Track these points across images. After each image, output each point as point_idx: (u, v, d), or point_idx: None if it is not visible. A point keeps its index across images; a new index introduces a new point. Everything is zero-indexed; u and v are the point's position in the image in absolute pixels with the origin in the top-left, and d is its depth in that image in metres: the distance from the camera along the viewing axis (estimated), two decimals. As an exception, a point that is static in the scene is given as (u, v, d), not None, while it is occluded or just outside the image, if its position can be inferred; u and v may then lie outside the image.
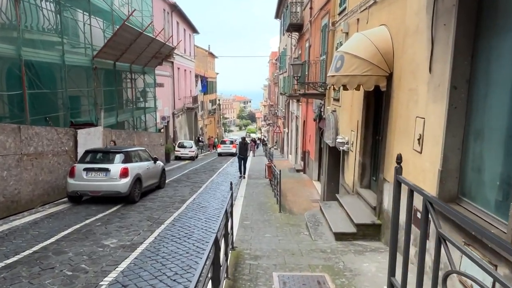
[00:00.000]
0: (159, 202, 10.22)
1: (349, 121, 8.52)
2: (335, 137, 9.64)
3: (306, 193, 13.42)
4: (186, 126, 36.75)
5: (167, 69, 29.56)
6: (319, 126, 14.14)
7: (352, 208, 6.94)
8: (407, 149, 5.16)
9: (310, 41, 16.03)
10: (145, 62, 18.17)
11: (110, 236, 6.82)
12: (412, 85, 5.06)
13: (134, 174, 9.99)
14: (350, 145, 8.41)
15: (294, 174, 17.28)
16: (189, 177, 16.04)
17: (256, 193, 11.93)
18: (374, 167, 7.30)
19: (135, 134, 16.94)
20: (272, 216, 8.61)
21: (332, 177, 10.99)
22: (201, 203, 10.22)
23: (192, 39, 41.57)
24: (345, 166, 8.89)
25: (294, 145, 22.71)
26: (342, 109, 9.36)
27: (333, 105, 10.42)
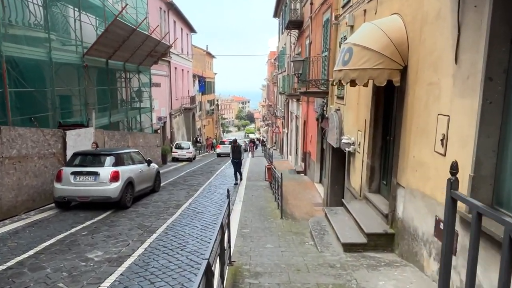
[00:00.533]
0: (152, 208, 9.61)
1: (355, 121, 7.93)
2: (340, 138, 9.05)
3: (307, 196, 12.82)
4: (183, 127, 36.12)
5: (164, 69, 28.94)
6: (321, 126, 13.55)
7: (361, 215, 6.35)
8: (427, 151, 4.57)
9: (311, 37, 15.44)
10: (140, 60, 17.55)
11: (95, 247, 6.21)
12: (433, 79, 4.46)
13: (126, 178, 9.38)
14: (356, 146, 7.81)
15: (294, 176, 16.68)
16: (185, 180, 15.43)
17: (255, 197, 11.32)
18: (384, 170, 6.71)
19: (130, 135, 16.32)
20: (273, 223, 8.01)
21: (336, 180, 10.40)
22: (197, 208, 9.61)
23: (189, 38, 40.95)
24: (351, 169, 8.29)
25: (294, 145, 22.11)
26: (347, 107, 8.77)
27: (337, 104, 9.83)
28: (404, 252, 5.22)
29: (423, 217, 4.63)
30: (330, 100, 10.52)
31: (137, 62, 17.41)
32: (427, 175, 4.55)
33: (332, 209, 7.38)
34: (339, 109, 9.50)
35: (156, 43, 17.07)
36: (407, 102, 5.26)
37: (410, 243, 5.01)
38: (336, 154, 10.21)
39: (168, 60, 29.62)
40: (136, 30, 13.67)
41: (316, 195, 13.05)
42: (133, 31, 13.53)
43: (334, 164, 10.36)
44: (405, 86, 5.32)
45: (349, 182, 8.39)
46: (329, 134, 9.99)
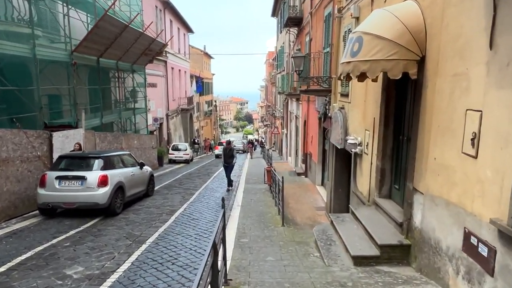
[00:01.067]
0: (144, 214, 8.97)
1: (362, 119, 7.32)
2: (344, 138, 8.44)
3: (309, 200, 12.20)
4: (181, 128, 35.49)
5: (160, 69, 28.33)
6: (323, 126, 12.94)
7: (371, 223, 5.73)
8: (452, 152, 3.95)
9: (311, 34, 14.85)
10: (134, 59, 16.92)
11: (76, 262, 5.57)
12: (459, 69, 3.85)
13: (115, 182, 8.74)
14: (364, 147, 7.20)
15: (295, 178, 16.06)
16: (181, 183, 14.79)
17: (254, 201, 10.69)
18: (396, 173, 6.10)
19: (123, 137, 15.67)
20: (274, 230, 7.38)
21: (340, 183, 9.79)
22: (192, 214, 8.98)
23: (186, 38, 40.36)
24: (358, 171, 7.68)
25: (294, 146, 21.50)
26: (352, 105, 8.16)
27: (341, 102, 9.22)
28: (423, 267, 4.60)
29: (448, 229, 4.02)
30: (333, 98, 9.91)
31: (130, 61, 16.77)
32: (453, 180, 3.93)
33: (339, 216, 6.75)
34: (343, 108, 8.89)
35: (151, 41, 16.45)
36: (426, 97, 4.64)
37: (431, 257, 4.39)
38: (340, 155, 9.60)
39: (165, 60, 29.02)
40: (128, 27, 13.05)
41: (318, 198, 12.44)
42: (125, 27, 12.90)
43: (337, 166, 9.75)
44: (423, 79, 4.71)
45: (355, 186, 7.77)
46: (333, 134, 9.38)
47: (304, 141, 16.80)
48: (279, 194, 8.63)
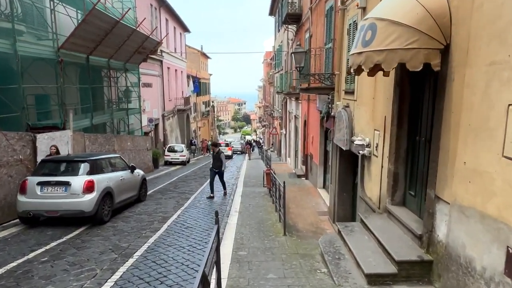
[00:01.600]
0: (134, 222, 8.31)
1: (371, 118, 6.69)
2: (350, 139, 7.82)
3: (311, 204, 11.58)
4: (177, 129, 34.82)
5: (156, 68, 27.68)
6: (325, 126, 12.32)
7: (385, 234, 5.10)
8: (489, 155, 3.32)
9: (311, 30, 14.24)
10: (127, 57, 16.25)
11: (51, 281, 4.91)
12: (498, 56, 3.22)
13: (103, 188, 8.08)
14: (372, 149, 6.57)
15: (295, 180, 15.43)
16: (176, 186, 14.13)
17: (253, 207, 10.04)
18: (412, 178, 5.47)
19: (116, 138, 15.00)
20: (275, 241, 6.73)
21: (344, 187, 9.17)
22: (186, 222, 8.32)
23: (183, 38, 39.71)
24: (366, 175, 7.05)
25: (293, 147, 20.88)
26: (358, 103, 7.53)
27: (345, 100, 8.60)
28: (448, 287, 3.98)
29: (484, 246, 3.39)
30: (337, 96, 9.28)
31: (123, 59, 16.10)
32: (491, 189, 3.30)
33: (347, 225, 6.11)
34: (348, 106, 8.27)
35: (144, 38, 15.79)
36: (451, 92, 4.01)
37: (461, 277, 3.76)
38: (345, 157, 8.98)
39: (160, 59, 28.37)
40: (119, 23, 12.39)
41: (320, 202, 11.81)
42: (116, 23, 12.24)
43: (342, 169, 9.13)
44: (448, 71, 4.08)
45: (363, 190, 7.14)
46: (336, 134, 8.76)
47: (304, 141, 16.18)
48: (280, 200, 8.00)
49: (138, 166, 18.21)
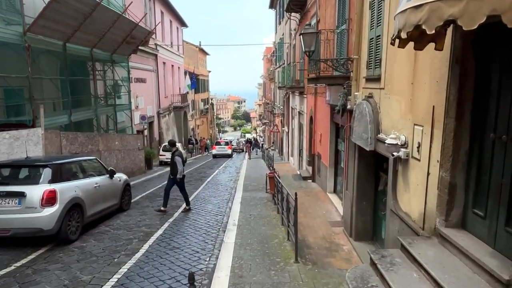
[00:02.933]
0: (108, 240, 6.76)
1: (408, 110, 5.13)
2: (375, 136, 6.27)
3: (321, 212, 10.03)
4: (174, 127, 33.25)
5: (150, 63, 26.10)
6: (336, 122, 10.76)
7: (446, 274, 3.54)
8: None
9: (318, 15, 12.66)
10: (113, 48, 14.67)
11: None
12: None
13: (69, 199, 6.53)
14: (412, 149, 5.02)
15: (300, 183, 13.87)
16: (168, 191, 12.55)
17: (255, 218, 8.48)
18: (478, 191, 3.91)
19: (101, 137, 13.44)
20: (284, 271, 5.18)
21: (364, 194, 7.63)
22: (172, 240, 6.78)
23: (180, 32, 38.11)
24: (400, 184, 5.49)
25: (297, 146, 19.32)
26: (388, 92, 5.97)
27: (367, 89, 7.04)
28: None
29: None
30: (355, 85, 7.72)
31: (109, 49, 14.52)
32: None
33: (384, 254, 4.54)
34: (372, 96, 6.71)
35: (132, 26, 14.21)
36: None
37: None
38: (366, 158, 7.44)
39: (155, 53, 26.80)
40: (100, 5, 10.81)
41: (331, 209, 10.27)
42: (96, 5, 10.66)
43: (361, 172, 7.58)
44: None
45: (396, 203, 5.58)
46: (356, 131, 7.20)
47: (310, 140, 14.61)
48: (289, 213, 6.45)
49: (128, 167, 16.78)
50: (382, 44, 6.24)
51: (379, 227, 7.44)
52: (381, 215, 7.28)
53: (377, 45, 6.51)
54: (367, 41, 7.03)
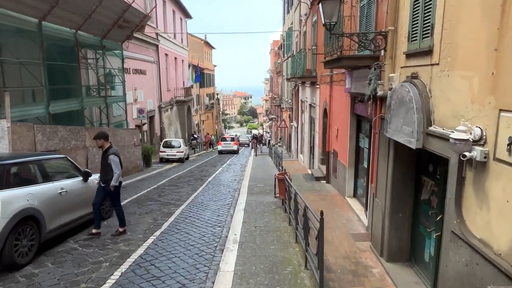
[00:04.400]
0: (70, 264, 5.21)
1: (487, 89, 3.47)
2: (425, 130, 4.62)
3: (340, 220, 8.41)
4: (177, 122, 31.74)
5: (150, 53, 24.56)
6: (356, 113, 9.09)
7: None
8: None
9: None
10: (103, 31, 13.09)
11: None
12: None
13: (17, 211, 4.98)
14: (495, 148, 3.36)
15: (313, 184, 12.23)
16: (162, 193, 11.01)
17: (261, 231, 6.86)
18: None
19: (87, 132, 11.91)
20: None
21: (401, 204, 6.01)
22: (153, 266, 5.20)
23: (184, 24, 36.50)
24: (470, 197, 3.82)
25: (307, 142, 17.65)
26: (446, 67, 4.30)
27: (409, 68, 5.37)
28: None
29: None
30: (390, 65, 6.05)
31: (98, 33, 12.94)
32: None
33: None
34: (417, 77, 5.04)
35: (124, 7, 12.62)
36: None
37: None
38: (404, 158, 5.82)
39: (156, 43, 25.26)
40: (81, -23, 9.21)
41: (352, 218, 8.63)
42: (77, -23, 9.07)
43: (397, 176, 5.94)
44: None
45: (463, 225, 3.91)
46: (392, 124, 5.55)
47: (324, 135, 12.95)
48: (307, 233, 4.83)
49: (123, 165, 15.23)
50: (434, 3, 4.58)
51: (420, 247, 5.80)
52: (424, 232, 5.64)
53: (425, 7, 4.84)
54: (409, 4, 5.35)
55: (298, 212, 5.88)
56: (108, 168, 6.47)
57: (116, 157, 6.56)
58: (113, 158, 6.50)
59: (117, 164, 6.53)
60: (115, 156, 6.54)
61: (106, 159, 6.52)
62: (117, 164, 6.54)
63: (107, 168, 6.50)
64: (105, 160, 6.56)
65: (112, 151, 6.59)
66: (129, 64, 19.98)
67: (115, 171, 6.48)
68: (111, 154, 6.51)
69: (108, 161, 6.46)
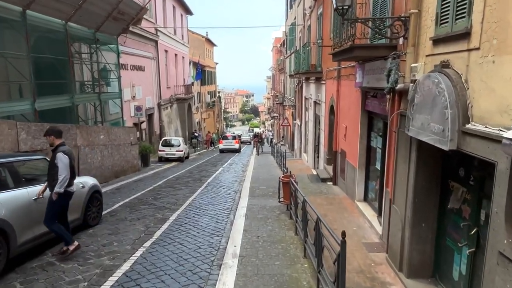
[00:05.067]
0: (40, 286, 4.46)
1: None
2: (459, 128, 3.88)
3: (350, 227, 7.65)
4: (177, 120, 31.00)
5: (149, 49, 23.80)
6: (367, 110, 8.32)
7: None
8: None
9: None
10: (96, 23, 12.34)
11: None
12: None
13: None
14: None
15: (319, 186, 11.47)
16: (157, 195, 10.27)
17: (264, 242, 6.11)
18: None
19: (79, 130, 11.20)
20: None
21: (425, 212, 5.29)
22: (140, 285, 4.45)
23: (184, 20, 35.73)
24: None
25: (311, 141, 16.89)
26: (489, 52, 3.54)
27: (438, 56, 4.61)
28: None
29: None
30: (412, 53, 5.28)
31: (91, 25, 12.20)
32: None
33: None
34: (448, 65, 4.28)
35: (118, -3, 11.85)
36: None
37: None
38: (429, 161, 5.08)
39: (155, 39, 24.48)
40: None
41: (364, 224, 7.87)
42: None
43: (421, 182, 5.19)
44: None
45: None
46: (417, 121, 4.79)
47: (331, 134, 12.18)
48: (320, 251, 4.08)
49: (118, 165, 14.52)
50: (472, -23, 3.82)
51: (446, 262, 5.05)
52: (452, 246, 4.88)
53: (460, -18, 4.08)
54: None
55: (308, 223, 5.13)
56: (55, 170, 5.21)
57: (66, 158, 5.24)
58: (61, 157, 5.21)
59: (65, 165, 5.19)
60: (64, 156, 5.23)
61: (54, 158, 5.26)
62: (65, 166, 5.20)
63: (53, 171, 5.24)
64: (53, 160, 5.30)
65: (62, 149, 5.31)
66: (126, 60, 19.24)
67: (60, 173, 5.15)
68: (60, 152, 5.25)
69: (55, 163, 5.21)
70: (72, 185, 5.44)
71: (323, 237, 4.14)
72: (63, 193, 5.19)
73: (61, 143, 5.47)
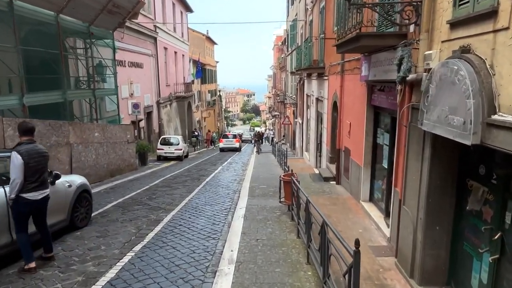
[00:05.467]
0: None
1: None
2: (484, 120, 3.42)
3: (355, 229, 7.20)
4: (177, 119, 30.57)
5: (148, 46, 23.37)
6: (373, 105, 7.85)
7: None
8: None
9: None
10: (90, 17, 11.89)
11: None
12: None
13: None
14: None
15: (322, 186, 11.00)
16: (153, 195, 9.82)
17: (264, 246, 5.65)
18: None
19: (72, 127, 10.75)
20: None
21: (439, 214, 4.84)
22: (125, 294, 4.02)
23: (184, 17, 35.27)
24: None
25: (313, 139, 16.43)
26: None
27: (456, 41, 4.14)
28: None
29: None
30: (426, 40, 4.82)
31: (85, 18, 11.75)
32: None
33: None
34: (469, 50, 3.81)
35: (112, -11, 11.40)
36: None
37: None
38: (444, 158, 4.61)
39: (154, 36, 24.04)
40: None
41: (370, 226, 7.41)
42: None
43: (435, 181, 4.73)
44: None
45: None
46: (433, 113, 4.32)
47: (334, 131, 11.73)
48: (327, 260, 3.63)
49: (113, 164, 14.06)
50: None
51: (464, 269, 4.59)
52: (471, 251, 4.43)
53: (484, -44, 3.61)
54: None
55: (312, 226, 4.67)
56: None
57: (18, 158, 4.42)
58: (12, 157, 4.43)
59: (16, 167, 4.41)
60: (16, 156, 4.42)
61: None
62: (16, 168, 4.41)
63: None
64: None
65: (17, 148, 4.55)
66: (124, 57, 18.82)
67: (11, 176, 4.44)
68: (13, 151, 4.50)
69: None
70: (33, 191, 4.61)
71: (330, 243, 3.68)
72: (14, 199, 4.46)
73: (26, 141, 4.67)
